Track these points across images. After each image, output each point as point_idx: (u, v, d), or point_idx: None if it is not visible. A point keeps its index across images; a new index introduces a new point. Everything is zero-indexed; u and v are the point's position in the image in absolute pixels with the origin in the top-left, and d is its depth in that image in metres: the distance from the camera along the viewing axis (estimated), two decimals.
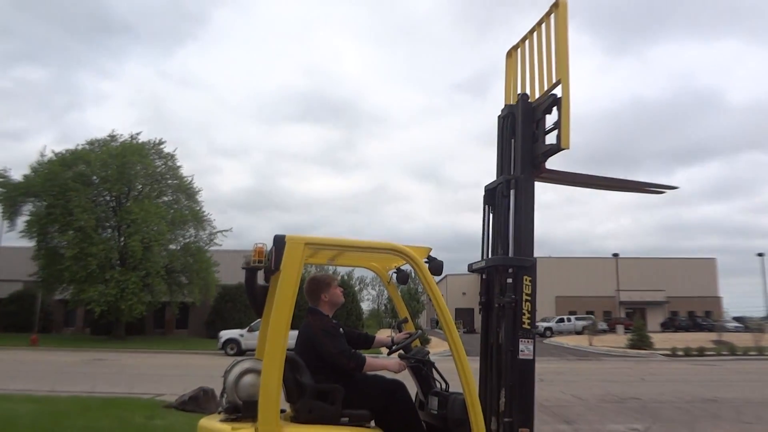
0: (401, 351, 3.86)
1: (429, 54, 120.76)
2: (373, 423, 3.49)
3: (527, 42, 4.14)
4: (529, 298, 3.65)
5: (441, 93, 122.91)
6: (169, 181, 37.21)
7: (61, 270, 31.98)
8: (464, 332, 50.32)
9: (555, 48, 3.73)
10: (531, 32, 4.07)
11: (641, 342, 28.75)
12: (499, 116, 4.18)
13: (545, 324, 46.23)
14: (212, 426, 3.26)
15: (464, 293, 59.28)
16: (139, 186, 35.83)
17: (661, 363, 23.26)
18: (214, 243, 37.42)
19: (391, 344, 4.00)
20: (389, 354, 3.99)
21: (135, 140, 35.81)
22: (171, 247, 35.65)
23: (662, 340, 31.74)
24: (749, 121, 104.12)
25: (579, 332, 44.70)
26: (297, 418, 3.28)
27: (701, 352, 25.98)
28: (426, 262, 3.65)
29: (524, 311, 3.63)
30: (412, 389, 3.91)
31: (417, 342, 4.09)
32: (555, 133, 3.70)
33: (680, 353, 25.77)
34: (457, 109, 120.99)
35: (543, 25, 3.90)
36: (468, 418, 3.33)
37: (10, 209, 33.98)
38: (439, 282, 47.99)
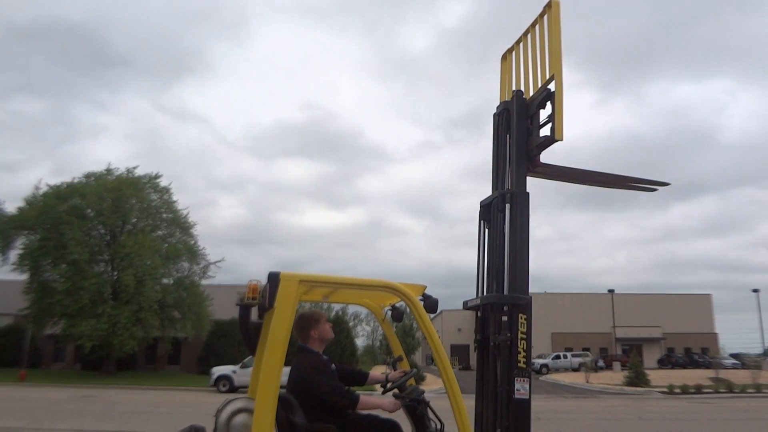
0: (396, 390, 3.82)
1: (426, 89, 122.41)
2: None
3: (521, 44, 4.38)
4: (525, 337, 3.64)
5: (438, 128, 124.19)
6: (164, 215, 37.10)
7: (53, 304, 31.53)
8: (459, 369, 49.82)
9: (549, 45, 3.92)
10: (525, 34, 4.30)
11: (638, 379, 28.45)
12: (495, 113, 4.30)
13: (541, 361, 45.92)
14: None
15: (460, 329, 58.85)
16: (134, 219, 35.68)
17: (659, 401, 22.97)
18: (208, 275, 37.18)
19: (386, 382, 3.96)
20: (384, 393, 3.95)
21: (131, 174, 35.94)
22: (164, 281, 35.35)
23: (659, 377, 31.44)
24: (743, 158, 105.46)
25: (575, 369, 44.39)
26: None
27: (699, 390, 25.65)
28: (421, 300, 3.65)
29: (520, 349, 3.62)
30: (407, 429, 3.85)
31: (412, 381, 4.05)
32: (549, 126, 3.82)
33: (677, 391, 25.45)
34: (454, 145, 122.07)
35: (537, 27, 4.13)
36: None
37: (3, 242, 33.68)
38: (435, 317, 47.66)
